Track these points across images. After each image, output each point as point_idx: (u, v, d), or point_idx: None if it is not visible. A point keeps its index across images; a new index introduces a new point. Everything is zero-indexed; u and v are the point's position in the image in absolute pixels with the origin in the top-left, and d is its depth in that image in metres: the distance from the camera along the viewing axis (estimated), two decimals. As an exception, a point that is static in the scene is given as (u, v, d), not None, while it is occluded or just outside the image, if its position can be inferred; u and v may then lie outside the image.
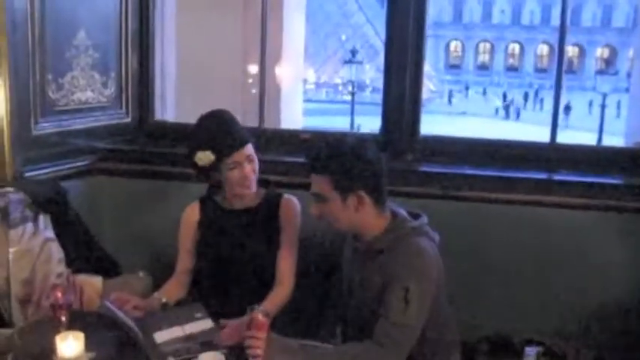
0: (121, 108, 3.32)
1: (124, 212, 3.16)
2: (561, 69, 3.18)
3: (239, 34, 6.21)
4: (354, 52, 15.07)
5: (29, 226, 2.61)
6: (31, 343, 2.10)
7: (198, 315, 2.32)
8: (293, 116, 6.68)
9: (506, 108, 36.56)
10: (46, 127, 2.89)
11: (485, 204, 2.84)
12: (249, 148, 2.50)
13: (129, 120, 3.36)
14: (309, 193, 2.20)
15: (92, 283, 2.69)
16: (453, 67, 53.09)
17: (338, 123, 15.24)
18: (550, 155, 3.03)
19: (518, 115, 34.93)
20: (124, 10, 3.25)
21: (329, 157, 2.12)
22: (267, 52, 5.55)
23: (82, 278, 2.68)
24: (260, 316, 2.06)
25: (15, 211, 2.57)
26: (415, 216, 2.26)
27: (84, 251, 2.83)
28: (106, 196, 3.16)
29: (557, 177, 2.96)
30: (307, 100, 18.46)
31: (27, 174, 2.80)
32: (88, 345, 1.99)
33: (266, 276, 2.52)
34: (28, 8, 2.72)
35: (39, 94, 2.83)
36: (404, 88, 3.07)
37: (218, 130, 2.46)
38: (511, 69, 52.54)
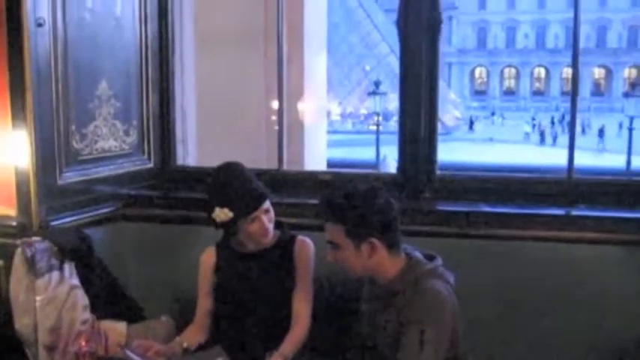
0: (143, 154, 3.40)
1: (147, 257, 3.21)
2: (575, 97, 3.19)
3: (261, 71, 6.30)
4: (377, 84, 15.20)
5: (55, 274, 2.68)
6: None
7: (220, 359, 2.35)
8: (317, 150, 6.74)
9: (542, 133, 35.86)
10: (70, 176, 2.97)
11: (503, 241, 2.83)
12: (267, 203, 2.56)
13: (151, 165, 3.44)
14: (326, 241, 2.25)
15: (116, 328, 2.75)
16: (479, 93, 53.03)
17: (364, 154, 15.30)
18: (568, 190, 3.02)
19: (554, 139, 34.14)
20: (144, 57, 3.35)
21: (341, 206, 2.19)
22: (288, 88, 5.63)
23: (107, 324, 2.75)
24: None
25: (41, 261, 2.65)
26: (430, 258, 2.29)
27: (108, 297, 2.89)
28: (130, 242, 3.22)
29: (575, 212, 2.95)
30: (333, 132, 18.55)
31: (52, 222, 2.88)
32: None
33: (283, 317, 2.56)
34: (52, 63, 2.83)
35: (63, 145, 2.92)
36: (419, 126, 3.10)
37: (237, 189, 2.52)
38: (537, 93, 52.30)
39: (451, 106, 40.22)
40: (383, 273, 2.22)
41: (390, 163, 13.06)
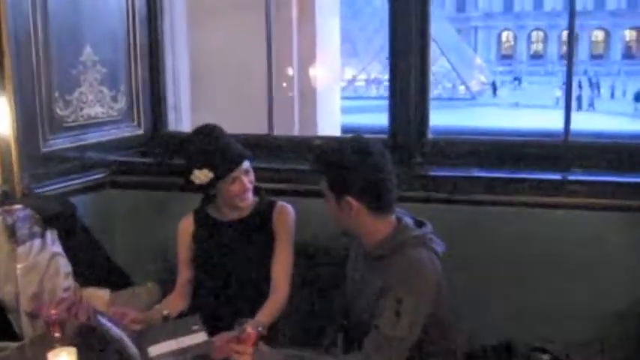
0: (133, 121, 3.37)
1: (136, 224, 3.20)
2: (572, 54, 3.05)
3: (262, 35, 6.09)
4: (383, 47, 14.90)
5: (37, 242, 2.66)
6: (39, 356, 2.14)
7: (195, 327, 2.31)
8: (330, 116, 6.65)
9: (579, 98, 34.55)
10: (55, 143, 2.95)
11: (495, 207, 2.75)
12: (247, 163, 2.51)
13: (141, 132, 3.41)
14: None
15: (99, 295, 2.74)
16: (506, 57, 52.13)
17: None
18: (564, 153, 2.92)
19: (591, 104, 32.80)
20: (132, 22, 3.29)
21: (325, 160, 2.16)
22: (300, 53, 5.52)
23: (89, 291, 2.74)
24: (248, 330, 2.06)
25: (22, 228, 2.63)
26: (420, 224, 2.22)
27: (93, 265, 2.88)
28: (119, 209, 3.21)
29: (572, 177, 2.85)
30: (356, 98, 18.28)
31: (38, 190, 2.87)
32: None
33: (263, 284, 2.52)
34: (31, 28, 2.79)
35: (46, 112, 2.89)
36: (408, 86, 3.01)
37: (216, 149, 2.47)
38: (565, 57, 51.22)
39: (477, 71, 39.63)
40: (368, 235, 2.17)
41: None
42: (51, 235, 2.72)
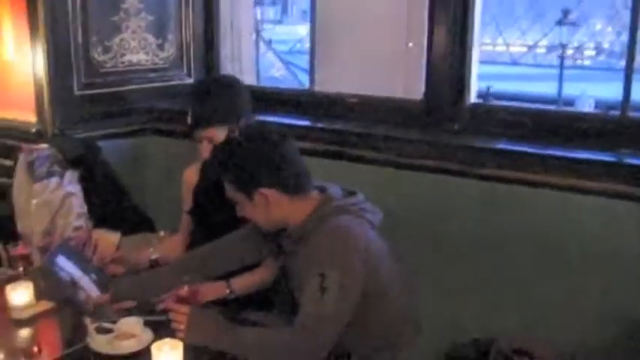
0: (182, 70, 3.37)
1: (170, 173, 3.22)
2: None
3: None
4: (565, 12, 13.80)
5: (54, 180, 2.76)
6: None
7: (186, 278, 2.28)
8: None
9: None
10: (91, 87, 3.03)
11: (513, 186, 2.42)
12: (211, 131, 2.34)
13: (191, 81, 3.40)
14: None
15: (108, 238, 2.78)
16: None
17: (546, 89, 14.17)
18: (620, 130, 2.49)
19: None
20: (184, -30, 3.27)
21: (221, 162, 1.98)
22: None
23: (99, 233, 2.79)
24: (184, 291, 2.02)
25: (41, 166, 2.74)
26: (350, 194, 2.01)
27: (113, 208, 2.94)
28: (156, 157, 3.25)
29: (628, 160, 2.42)
30: (512, 64, 17.39)
31: (72, 132, 2.97)
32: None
33: None
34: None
35: (82, 56, 2.97)
36: (448, 42, 2.71)
37: (194, 101, 2.38)
38: None
39: None
40: (292, 220, 1.97)
41: (587, 101, 11.84)
42: (70, 175, 2.80)
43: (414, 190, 2.59)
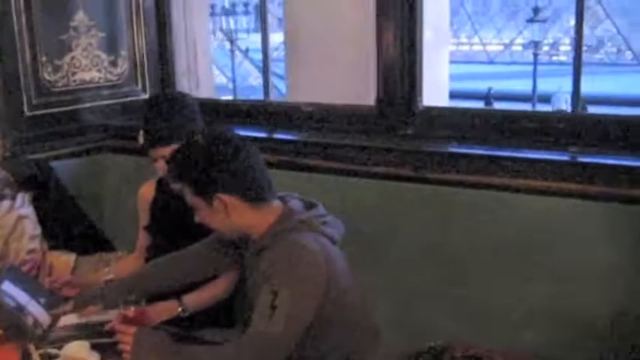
0: (137, 85, 3.34)
1: (128, 191, 3.18)
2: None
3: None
4: (535, 10, 13.87)
5: (5, 203, 2.71)
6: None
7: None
8: (437, 82, 6.24)
9: None
10: (42, 107, 2.99)
11: (467, 190, 2.41)
12: (167, 150, 2.22)
13: (146, 97, 3.37)
14: None
15: (63, 260, 2.76)
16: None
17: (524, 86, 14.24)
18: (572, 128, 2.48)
19: None
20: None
21: (179, 165, 1.92)
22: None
23: (54, 255, 2.77)
24: (130, 312, 1.99)
25: (-8, 189, 2.71)
26: (310, 206, 1.97)
27: (70, 229, 2.91)
28: (111, 175, 3.22)
29: (581, 158, 2.40)
30: (489, 63, 17.50)
31: (24, 154, 2.93)
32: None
33: None
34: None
35: (31, 76, 2.93)
36: (395, 44, 2.70)
37: (147, 121, 2.34)
38: None
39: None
40: (253, 229, 1.92)
41: (562, 97, 11.88)
42: (22, 197, 2.76)
43: (367, 196, 2.58)
